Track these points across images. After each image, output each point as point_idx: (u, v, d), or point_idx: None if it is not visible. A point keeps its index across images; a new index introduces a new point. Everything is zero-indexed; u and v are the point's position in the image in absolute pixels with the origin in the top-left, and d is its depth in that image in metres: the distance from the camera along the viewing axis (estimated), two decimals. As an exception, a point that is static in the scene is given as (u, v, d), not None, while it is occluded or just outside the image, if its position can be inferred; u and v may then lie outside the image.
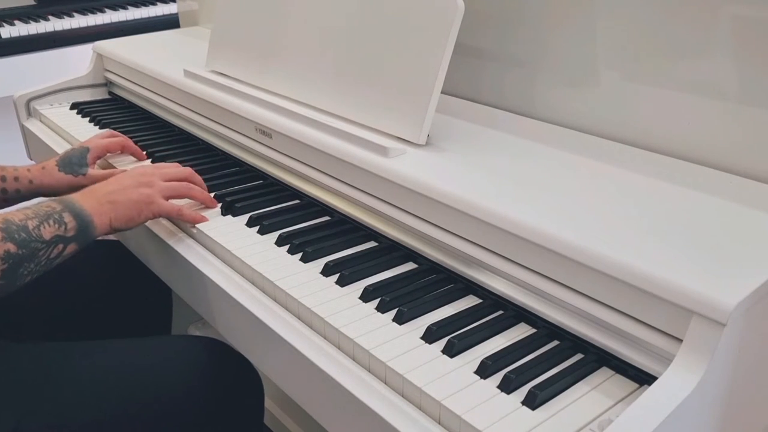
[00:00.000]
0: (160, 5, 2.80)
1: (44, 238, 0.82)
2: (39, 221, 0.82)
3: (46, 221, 0.83)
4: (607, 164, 0.86)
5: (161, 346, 0.98)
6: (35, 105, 1.51)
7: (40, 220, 0.82)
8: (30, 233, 0.81)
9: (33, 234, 0.81)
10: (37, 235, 0.81)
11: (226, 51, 1.24)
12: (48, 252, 0.82)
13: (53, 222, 0.83)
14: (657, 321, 0.63)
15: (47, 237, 0.82)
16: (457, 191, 0.78)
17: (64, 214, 0.85)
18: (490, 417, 0.61)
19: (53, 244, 0.83)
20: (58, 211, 0.85)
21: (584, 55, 0.96)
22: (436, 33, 0.88)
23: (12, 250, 0.78)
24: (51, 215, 0.84)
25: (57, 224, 0.84)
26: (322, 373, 0.71)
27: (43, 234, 0.82)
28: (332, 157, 0.93)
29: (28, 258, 0.80)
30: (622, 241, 0.67)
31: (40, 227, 0.82)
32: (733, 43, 0.81)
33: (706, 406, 0.60)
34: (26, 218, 0.82)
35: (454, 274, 0.82)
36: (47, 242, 0.82)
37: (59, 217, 0.84)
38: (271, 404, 1.50)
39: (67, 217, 0.85)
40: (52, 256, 0.83)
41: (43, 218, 0.83)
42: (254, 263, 0.86)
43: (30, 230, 0.81)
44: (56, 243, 0.83)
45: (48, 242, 0.82)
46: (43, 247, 0.82)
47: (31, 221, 0.82)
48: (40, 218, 0.83)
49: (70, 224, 0.85)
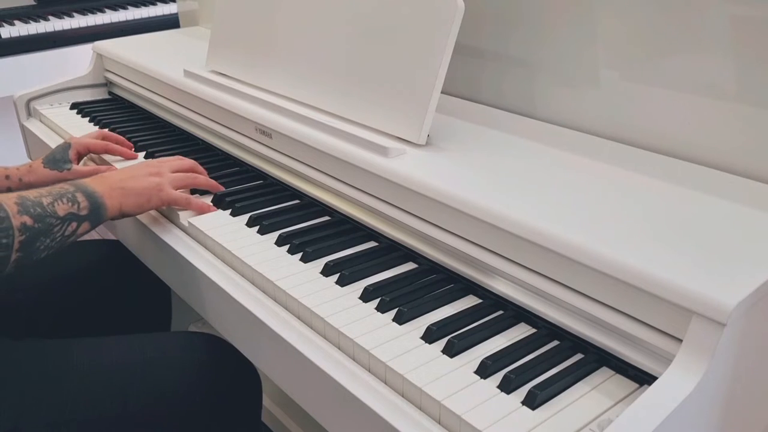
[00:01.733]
0: (160, 5, 2.80)
1: (59, 215, 0.84)
2: (53, 198, 0.85)
3: (59, 199, 0.85)
4: (607, 164, 0.86)
5: (160, 342, 0.99)
6: (35, 105, 1.51)
7: (54, 198, 0.85)
8: (45, 208, 0.83)
9: (48, 209, 0.83)
10: (52, 210, 0.84)
11: (226, 51, 1.24)
12: (63, 229, 0.85)
13: (66, 200, 0.86)
14: (657, 321, 0.63)
15: (61, 213, 0.85)
16: (457, 191, 0.78)
17: (77, 194, 0.88)
18: (490, 417, 0.61)
19: (67, 221, 0.85)
20: (71, 192, 0.88)
21: (584, 55, 0.96)
22: (436, 33, 0.88)
23: (28, 222, 0.81)
24: (64, 194, 0.86)
25: (70, 203, 0.86)
26: (322, 372, 0.71)
27: (57, 210, 0.84)
28: (332, 157, 0.93)
29: (44, 232, 0.82)
30: (622, 241, 0.67)
31: (54, 204, 0.84)
32: (733, 42, 0.81)
33: (706, 406, 0.60)
34: (40, 196, 0.85)
35: (454, 274, 0.82)
36: (62, 218, 0.85)
37: (72, 197, 0.87)
38: (271, 404, 1.50)
39: (80, 196, 0.88)
40: (66, 233, 0.85)
41: (56, 196, 0.86)
42: (254, 263, 0.86)
43: (45, 206, 0.83)
44: (70, 220, 0.86)
45: (62, 219, 0.85)
46: (57, 223, 0.84)
47: (45, 198, 0.84)
48: (53, 196, 0.85)
49: (83, 203, 0.87)
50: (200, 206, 1.00)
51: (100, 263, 1.23)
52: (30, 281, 1.14)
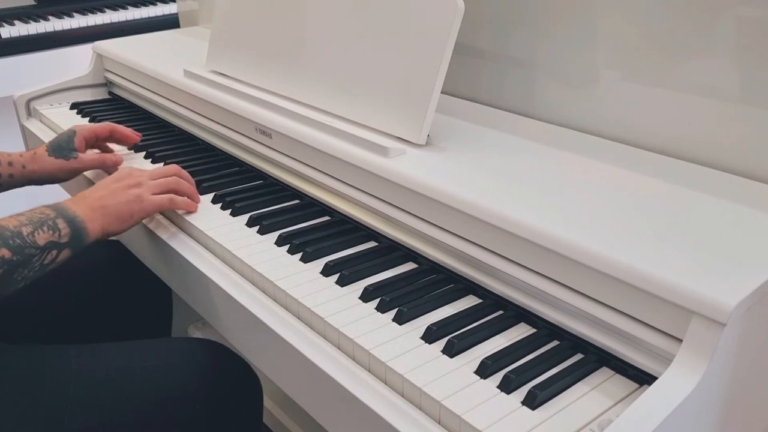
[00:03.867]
0: (160, 5, 2.80)
1: (38, 245, 0.82)
2: (33, 227, 0.82)
3: (40, 227, 0.83)
4: (606, 164, 0.86)
5: (160, 348, 0.98)
6: (35, 105, 1.51)
7: (35, 226, 0.83)
8: (24, 239, 0.81)
9: (27, 240, 0.81)
10: (32, 241, 0.81)
11: (226, 51, 1.24)
12: (42, 258, 0.83)
13: (47, 228, 0.83)
14: (657, 321, 0.63)
15: (41, 243, 0.82)
16: (457, 191, 0.78)
17: (58, 220, 0.85)
18: (490, 417, 0.61)
19: (47, 250, 0.83)
20: (52, 218, 0.85)
21: (584, 55, 0.96)
22: (436, 33, 0.88)
23: (6, 256, 0.79)
24: (45, 222, 0.84)
25: (51, 230, 0.84)
26: (322, 373, 0.71)
27: (37, 240, 0.82)
28: (332, 157, 0.93)
29: (23, 264, 0.80)
30: (622, 241, 0.67)
31: (34, 233, 0.82)
32: (733, 42, 0.81)
33: (706, 406, 0.60)
34: (20, 225, 0.82)
35: (454, 274, 0.82)
36: (41, 248, 0.82)
37: (53, 224, 0.84)
38: (271, 404, 1.50)
39: (61, 223, 0.85)
40: (45, 261, 0.83)
41: (37, 225, 0.83)
42: (254, 263, 0.86)
43: (24, 236, 0.81)
44: (50, 249, 0.83)
45: (42, 248, 0.82)
46: (37, 253, 0.82)
47: (26, 227, 0.82)
48: (34, 224, 0.83)
49: (63, 230, 0.85)
50: (185, 204, 0.97)
51: (100, 264, 1.23)
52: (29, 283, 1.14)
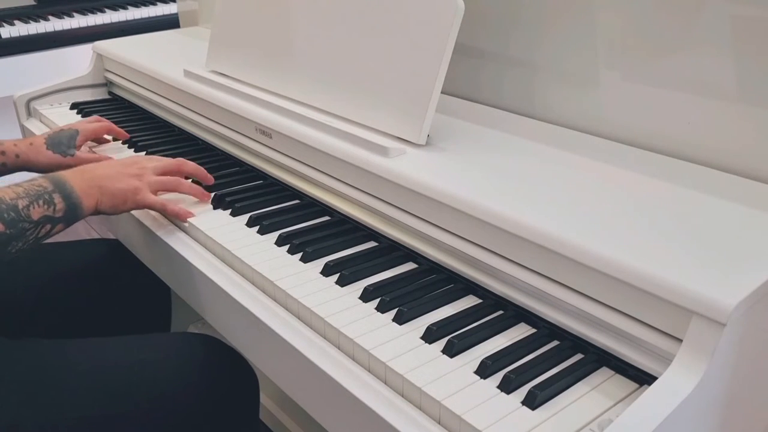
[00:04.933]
0: (160, 5, 2.80)
1: (33, 219, 0.84)
2: (29, 201, 0.84)
3: (36, 201, 0.85)
4: (607, 164, 0.86)
5: (157, 343, 0.99)
6: (35, 105, 1.51)
7: (31, 199, 0.84)
8: (19, 213, 0.83)
9: (22, 214, 0.83)
10: (26, 215, 0.83)
11: (226, 51, 1.24)
12: (36, 231, 0.84)
13: (43, 202, 0.85)
14: (657, 321, 0.62)
15: (36, 218, 0.84)
16: (457, 191, 0.78)
17: (54, 195, 0.87)
18: (490, 417, 0.61)
19: (41, 224, 0.85)
20: (49, 192, 0.87)
21: (584, 55, 0.96)
22: (436, 33, 0.88)
23: (0, 229, 0.80)
24: (41, 195, 0.86)
25: (46, 205, 0.85)
26: (322, 372, 0.71)
27: (32, 214, 0.84)
28: (332, 157, 0.93)
29: (17, 237, 0.82)
30: (622, 241, 0.67)
31: (29, 207, 0.84)
32: (733, 42, 0.81)
33: (706, 406, 0.60)
34: (17, 197, 0.84)
35: (454, 274, 0.82)
36: (36, 222, 0.84)
37: (49, 198, 0.86)
38: (270, 404, 1.50)
39: (57, 198, 0.87)
40: (39, 235, 0.85)
41: (33, 198, 0.85)
42: (254, 263, 0.86)
43: (20, 210, 0.83)
44: (44, 223, 0.85)
45: (36, 222, 0.84)
46: (31, 227, 0.84)
47: (22, 200, 0.84)
48: (30, 198, 0.84)
49: (59, 205, 0.87)
50: (176, 213, 0.98)
51: (100, 263, 1.23)
52: (29, 280, 1.14)
